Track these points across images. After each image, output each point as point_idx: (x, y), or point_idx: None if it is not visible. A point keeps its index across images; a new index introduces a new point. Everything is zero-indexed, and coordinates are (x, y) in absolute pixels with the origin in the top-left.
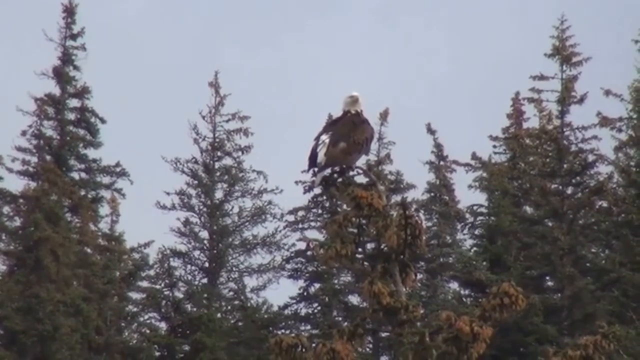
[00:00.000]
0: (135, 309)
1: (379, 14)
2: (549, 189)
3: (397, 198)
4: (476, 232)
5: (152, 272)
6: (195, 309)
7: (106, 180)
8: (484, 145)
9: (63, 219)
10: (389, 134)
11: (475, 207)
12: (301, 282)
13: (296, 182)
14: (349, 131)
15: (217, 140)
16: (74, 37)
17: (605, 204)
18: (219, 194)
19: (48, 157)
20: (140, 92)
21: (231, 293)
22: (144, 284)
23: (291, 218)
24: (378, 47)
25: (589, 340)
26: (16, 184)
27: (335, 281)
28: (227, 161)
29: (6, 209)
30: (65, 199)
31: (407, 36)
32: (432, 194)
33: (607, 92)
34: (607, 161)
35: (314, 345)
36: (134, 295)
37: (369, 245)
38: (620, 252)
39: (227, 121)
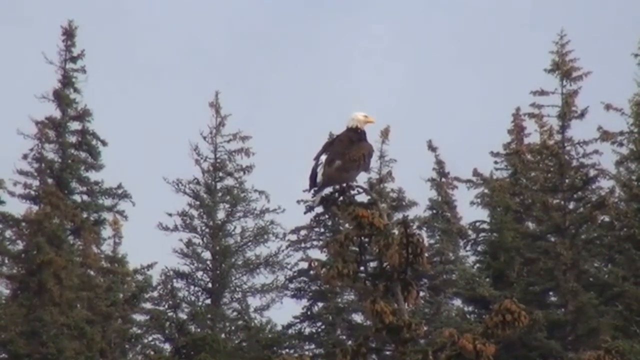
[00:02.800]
0: (139, 331)
1: (382, 35)
2: (550, 204)
3: (399, 215)
4: (479, 248)
5: (155, 294)
6: (199, 330)
7: (108, 202)
8: (485, 161)
9: (65, 241)
10: (390, 151)
11: (477, 224)
12: (305, 302)
13: (298, 202)
14: (343, 149)
15: (219, 160)
16: (74, 59)
17: (607, 219)
18: (221, 215)
19: (50, 180)
20: (141, 114)
21: (235, 313)
22: (148, 305)
23: (294, 237)
24: (380, 67)
25: (593, 356)
26: (18, 208)
27: (339, 300)
28: (229, 181)
29: (8, 233)
30: (67, 222)
31: (406, 53)
32: (434, 211)
33: (608, 107)
34: (609, 176)
35: None
36: (138, 317)
37: (371, 264)
38: (623, 267)
39: (228, 141)
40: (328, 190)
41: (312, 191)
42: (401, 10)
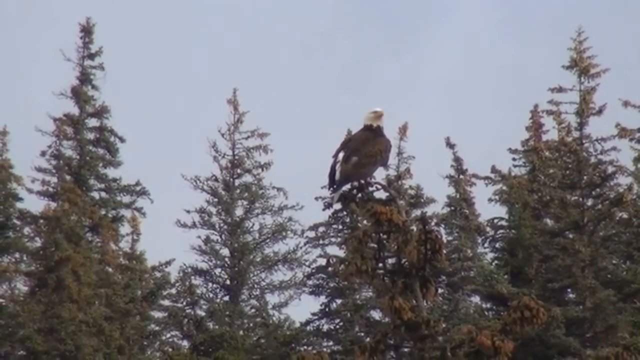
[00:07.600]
0: (157, 328)
1: (391, 38)
2: (568, 201)
3: (417, 212)
4: (497, 245)
5: (173, 291)
6: (217, 327)
7: (126, 199)
8: (503, 158)
9: (84, 238)
10: (408, 148)
11: (495, 221)
12: (323, 298)
13: (316, 198)
14: (359, 145)
15: (237, 157)
16: (91, 56)
17: (625, 215)
18: (239, 212)
19: (68, 177)
20: (159, 110)
21: (253, 310)
22: (166, 302)
23: (312, 234)
24: (397, 66)
25: (611, 353)
26: (36, 205)
27: (357, 296)
28: (247, 178)
29: (27, 230)
30: (85, 219)
31: (425, 50)
32: (452, 208)
33: (626, 103)
34: (627, 172)
35: None
36: (156, 314)
37: (390, 261)
38: None
39: (247, 138)
40: (346, 187)
41: (331, 189)
42: (410, 13)
